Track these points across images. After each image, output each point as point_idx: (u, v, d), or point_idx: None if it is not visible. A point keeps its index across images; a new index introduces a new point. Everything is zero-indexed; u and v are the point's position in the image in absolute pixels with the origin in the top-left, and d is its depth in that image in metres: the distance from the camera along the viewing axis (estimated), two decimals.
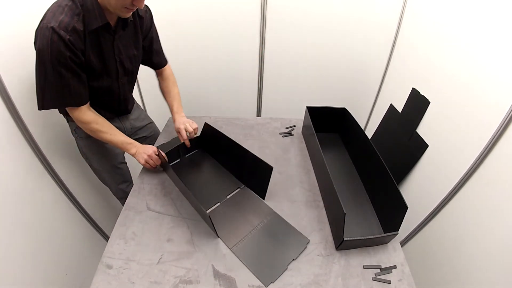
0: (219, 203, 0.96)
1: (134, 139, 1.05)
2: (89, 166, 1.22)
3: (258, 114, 2.07)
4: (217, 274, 0.75)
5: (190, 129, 1.11)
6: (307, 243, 0.84)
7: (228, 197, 0.99)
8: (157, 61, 1.15)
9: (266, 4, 1.57)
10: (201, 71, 1.84)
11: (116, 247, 0.80)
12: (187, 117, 1.19)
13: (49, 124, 1.05)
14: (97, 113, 0.99)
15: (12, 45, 0.88)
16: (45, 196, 1.02)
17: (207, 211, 0.91)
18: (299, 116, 1.39)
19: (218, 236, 0.85)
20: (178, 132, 1.13)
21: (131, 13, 0.86)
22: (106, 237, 1.38)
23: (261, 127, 1.36)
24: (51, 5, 0.80)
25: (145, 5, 0.99)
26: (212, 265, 0.77)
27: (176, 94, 1.21)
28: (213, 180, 1.07)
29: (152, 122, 1.38)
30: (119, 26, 0.92)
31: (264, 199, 0.98)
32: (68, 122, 1.08)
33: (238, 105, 2.02)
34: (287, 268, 0.77)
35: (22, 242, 0.91)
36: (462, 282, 1.02)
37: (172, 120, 1.18)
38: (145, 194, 0.98)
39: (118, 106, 1.12)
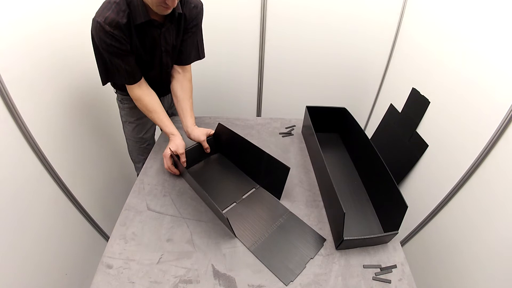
0: (235, 203, 0.96)
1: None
2: (89, 166, 1.23)
3: (258, 114, 2.07)
4: (217, 274, 0.75)
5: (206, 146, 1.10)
6: (323, 242, 0.85)
7: (243, 197, 0.99)
8: (182, 57, 1.12)
9: (266, 4, 1.57)
10: (201, 71, 1.84)
11: (116, 247, 0.80)
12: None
13: (48, 123, 1.05)
14: (148, 92, 1.05)
15: (11, 44, 0.87)
16: (45, 196, 1.02)
17: (223, 211, 0.92)
18: (299, 116, 1.39)
19: (235, 236, 0.85)
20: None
21: (171, 10, 0.88)
22: (106, 237, 1.38)
23: (261, 127, 1.35)
24: (103, 1, 0.89)
25: (197, 1, 1.02)
26: (212, 265, 0.77)
27: (192, 103, 1.14)
28: (228, 180, 1.06)
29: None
30: (167, 20, 0.96)
31: (279, 199, 0.98)
32: (115, 92, 1.22)
33: (238, 105, 2.02)
34: (305, 267, 0.78)
35: (22, 242, 0.91)
36: (462, 282, 1.02)
37: (187, 134, 1.10)
38: (145, 194, 0.98)
39: (160, 88, 1.16)
